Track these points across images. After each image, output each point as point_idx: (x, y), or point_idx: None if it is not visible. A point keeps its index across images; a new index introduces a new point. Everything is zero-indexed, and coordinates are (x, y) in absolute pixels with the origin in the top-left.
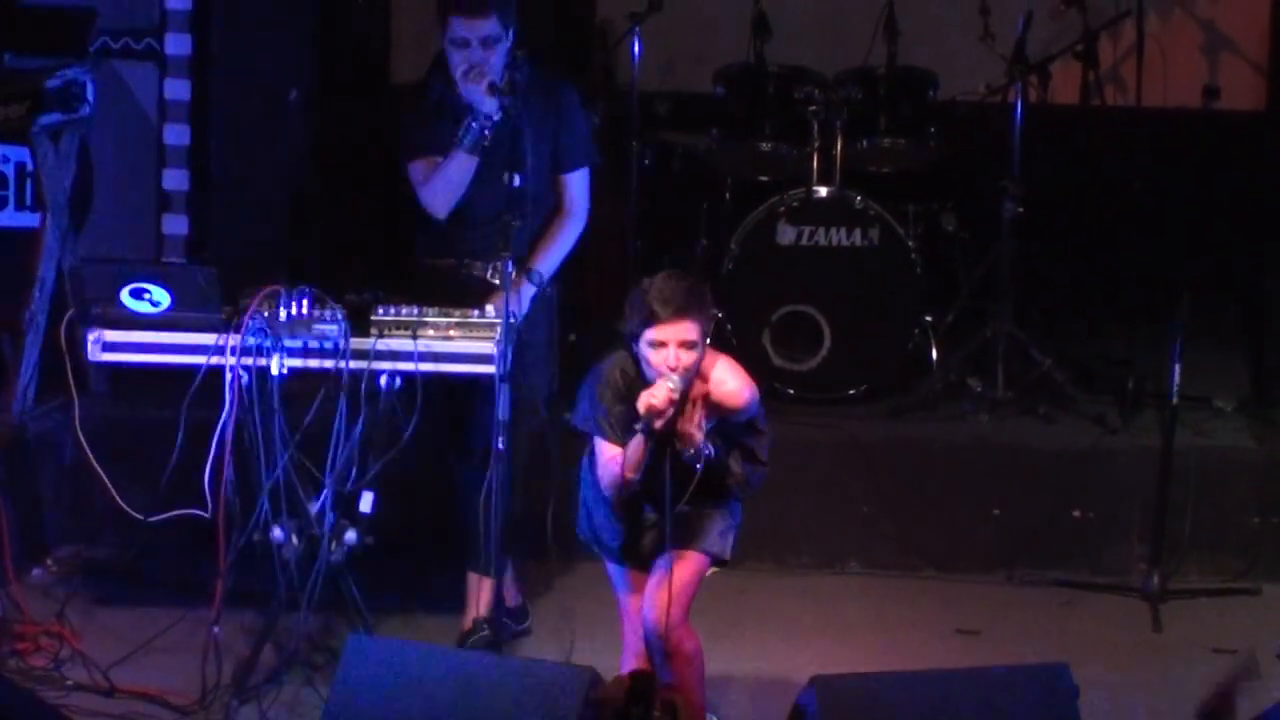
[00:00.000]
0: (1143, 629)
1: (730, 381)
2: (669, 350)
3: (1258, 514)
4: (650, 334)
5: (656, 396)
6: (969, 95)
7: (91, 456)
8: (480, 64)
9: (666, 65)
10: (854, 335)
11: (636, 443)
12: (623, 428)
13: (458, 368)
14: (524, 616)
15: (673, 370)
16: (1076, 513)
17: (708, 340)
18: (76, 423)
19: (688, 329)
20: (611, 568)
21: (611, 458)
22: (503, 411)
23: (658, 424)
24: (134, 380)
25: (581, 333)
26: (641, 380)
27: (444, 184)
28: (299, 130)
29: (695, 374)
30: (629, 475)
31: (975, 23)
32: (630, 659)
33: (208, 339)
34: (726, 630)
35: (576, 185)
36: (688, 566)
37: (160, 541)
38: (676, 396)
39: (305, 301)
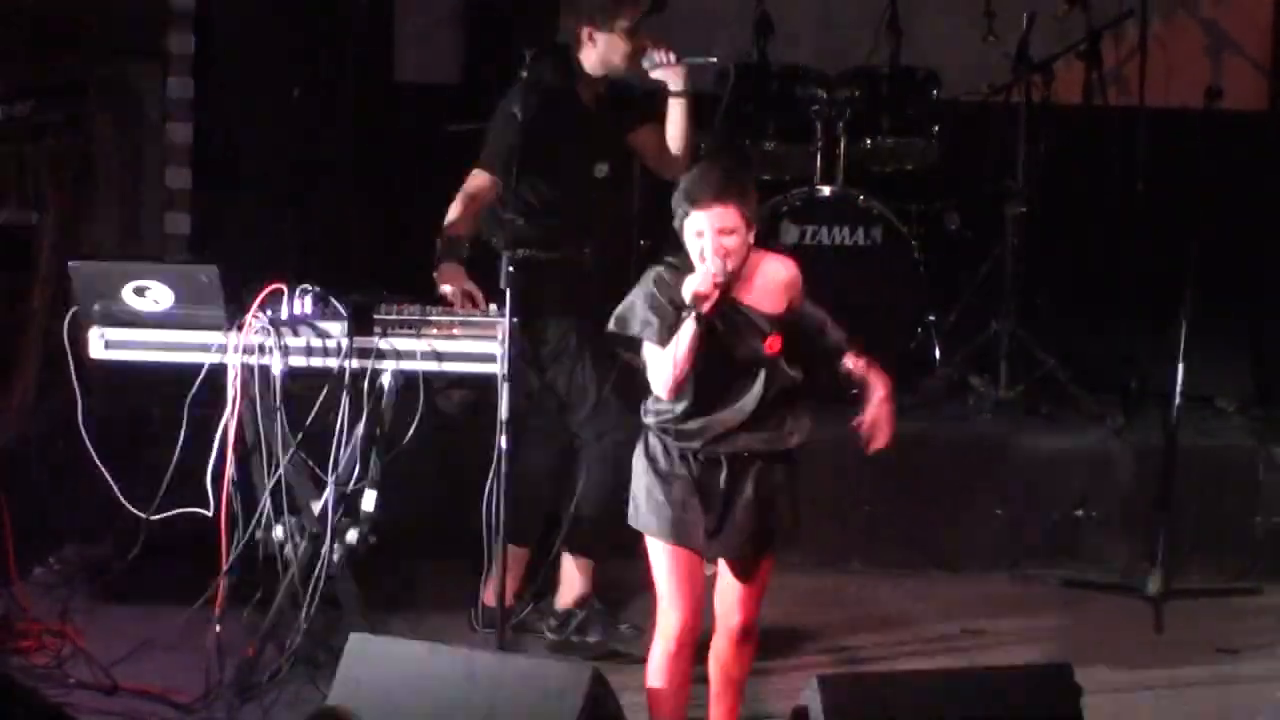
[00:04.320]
0: (1145, 628)
1: (772, 261)
2: (708, 238)
3: (1259, 514)
4: (689, 222)
5: (702, 284)
6: (972, 95)
7: (94, 454)
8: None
9: None
10: (857, 334)
11: (688, 331)
12: (671, 331)
13: (461, 366)
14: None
15: (713, 257)
16: (1079, 512)
17: (752, 228)
18: (79, 421)
19: (725, 214)
20: (665, 551)
21: (664, 354)
22: (505, 410)
23: (705, 308)
24: (136, 378)
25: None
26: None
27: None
28: (302, 128)
29: (739, 262)
30: (683, 365)
31: (978, 22)
32: (666, 645)
33: (210, 337)
34: None
35: None
36: (767, 568)
37: (162, 540)
38: (721, 280)
39: (308, 300)
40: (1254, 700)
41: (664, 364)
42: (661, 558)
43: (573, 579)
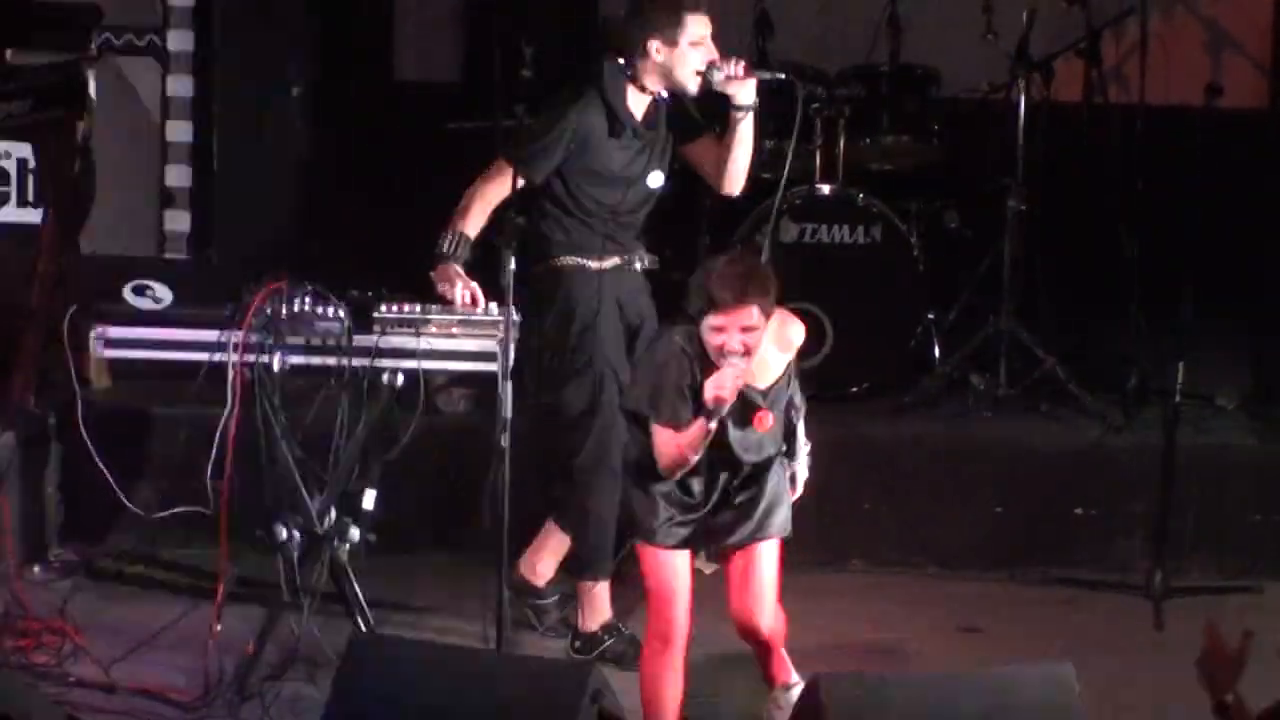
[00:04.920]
0: (1145, 627)
1: (785, 323)
2: (730, 335)
3: (1259, 512)
4: (711, 319)
5: (725, 387)
6: (972, 93)
7: (94, 452)
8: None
9: None
10: (856, 333)
11: (700, 426)
12: (681, 409)
13: (461, 365)
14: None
15: (734, 354)
16: (1079, 510)
17: (770, 316)
18: (79, 418)
19: (747, 314)
20: (656, 554)
21: (670, 439)
22: (508, 409)
23: (725, 410)
24: (136, 376)
25: None
26: (702, 358)
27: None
28: (301, 127)
29: (757, 353)
30: (691, 456)
31: (978, 20)
32: (654, 645)
33: (210, 335)
34: (728, 629)
35: None
36: (770, 556)
37: (162, 538)
38: (742, 383)
39: (308, 298)
40: (1254, 699)
41: (673, 451)
42: (645, 559)
43: (594, 600)
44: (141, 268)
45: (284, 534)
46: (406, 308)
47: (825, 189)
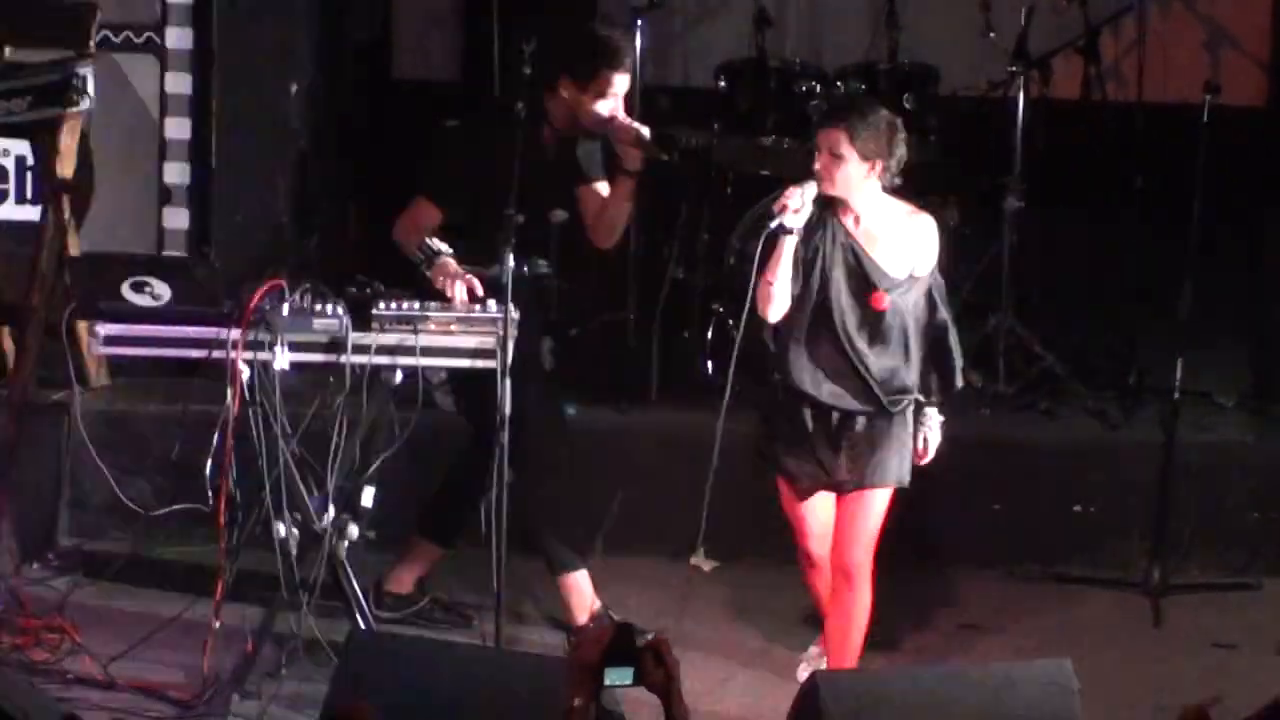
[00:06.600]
0: (1144, 624)
1: (913, 216)
2: (819, 156)
3: (1258, 509)
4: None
5: (791, 195)
6: (970, 90)
7: (93, 450)
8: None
9: (668, 59)
10: None
11: (775, 246)
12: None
13: (459, 362)
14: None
15: (819, 171)
16: (1078, 507)
17: (872, 166)
18: (77, 416)
19: (836, 138)
20: (781, 484)
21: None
22: (506, 406)
23: (786, 221)
24: (135, 374)
25: (581, 327)
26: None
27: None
28: (300, 124)
29: (843, 189)
30: (770, 279)
31: (976, 18)
32: (803, 560)
33: (209, 333)
34: (728, 626)
35: None
36: (873, 505)
37: (161, 535)
38: (806, 195)
39: (306, 295)
40: (1251, 695)
41: (760, 283)
42: (780, 489)
43: (577, 593)
44: (140, 265)
45: (283, 531)
46: (405, 305)
47: None
